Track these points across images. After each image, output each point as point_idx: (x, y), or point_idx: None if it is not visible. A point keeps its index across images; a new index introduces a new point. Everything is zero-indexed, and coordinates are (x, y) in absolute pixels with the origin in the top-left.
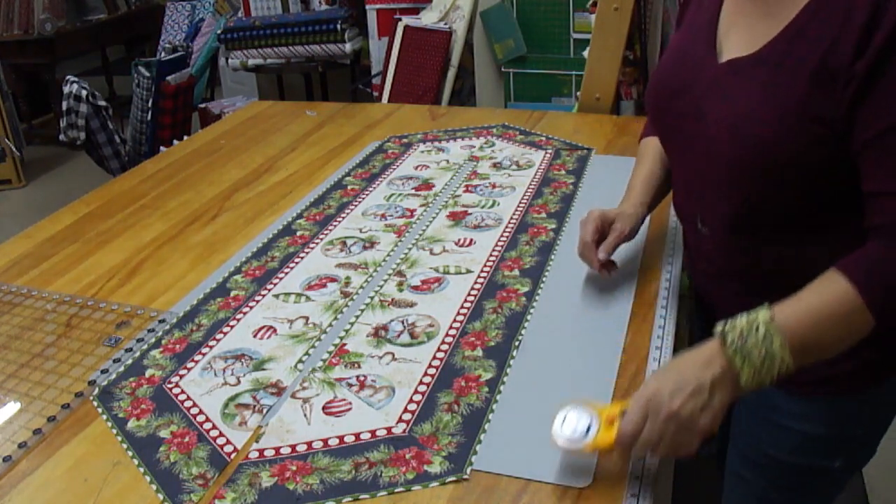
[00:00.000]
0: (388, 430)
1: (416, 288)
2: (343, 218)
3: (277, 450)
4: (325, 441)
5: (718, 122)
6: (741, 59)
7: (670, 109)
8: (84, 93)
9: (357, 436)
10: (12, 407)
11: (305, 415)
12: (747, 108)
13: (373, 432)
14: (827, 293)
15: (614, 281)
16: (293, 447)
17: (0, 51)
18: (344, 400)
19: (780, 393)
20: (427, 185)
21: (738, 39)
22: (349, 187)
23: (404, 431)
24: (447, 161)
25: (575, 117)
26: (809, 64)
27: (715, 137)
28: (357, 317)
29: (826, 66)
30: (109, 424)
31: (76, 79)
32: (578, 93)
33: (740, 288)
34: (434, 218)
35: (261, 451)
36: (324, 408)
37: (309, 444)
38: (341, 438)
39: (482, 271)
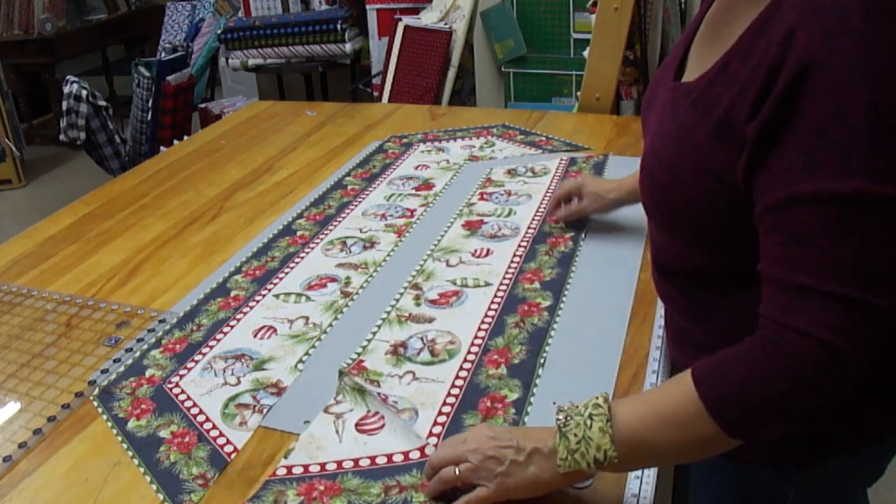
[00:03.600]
0: (422, 450)
1: (433, 302)
2: (343, 218)
3: (306, 467)
4: (356, 461)
5: (645, 149)
6: (681, 85)
7: (643, 124)
8: (84, 93)
9: (389, 457)
10: (12, 407)
11: (337, 431)
12: (659, 147)
13: (406, 454)
14: (672, 391)
15: (614, 281)
16: (322, 465)
17: (0, 51)
18: (377, 414)
19: (724, 458)
20: (427, 184)
21: (693, 64)
22: (349, 187)
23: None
24: (447, 161)
25: (575, 117)
26: (718, 109)
27: (642, 161)
28: (374, 333)
29: (729, 115)
30: (109, 424)
31: (76, 79)
32: (578, 93)
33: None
34: (449, 227)
35: (289, 468)
36: (357, 425)
37: (339, 463)
38: (373, 459)
39: (501, 284)
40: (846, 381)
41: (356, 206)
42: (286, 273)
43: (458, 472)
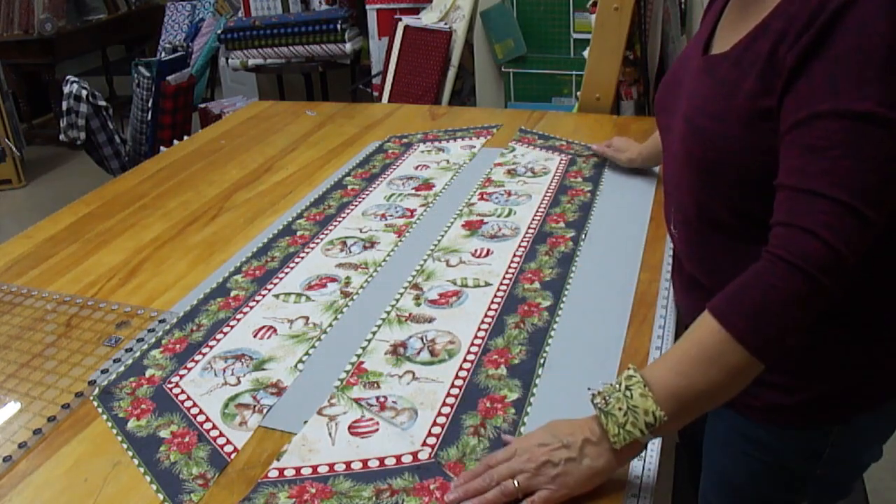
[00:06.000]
0: (414, 455)
1: (433, 302)
2: (343, 218)
3: (298, 469)
4: (348, 464)
5: (680, 116)
6: (714, 56)
7: (663, 105)
8: (84, 93)
9: (382, 460)
10: (12, 407)
11: (330, 434)
12: (701, 102)
13: (398, 458)
14: (696, 333)
15: (614, 281)
16: (314, 468)
17: (0, 51)
18: (371, 419)
19: (745, 419)
20: (427, 184)
21: (723, 39)
22: (349, 187)
23: (430, 456)
24: (447, 161)
25: (575, 117)
26: (762, 58)
27: (676, 131)
28: (374, 333)
29: (774, 56)
30: (109, 424)
31: (76, 79)
32: (578, 93)
33: (706, 298)
34: (449, 227)
35: (281, 471)
36: (350, 427)
37: (331, 465)
38: (365, 462)
39: (501, 284)
40: (842, 284)
41: (356, 206)
42: (286, 273)
43: (517, 484)
